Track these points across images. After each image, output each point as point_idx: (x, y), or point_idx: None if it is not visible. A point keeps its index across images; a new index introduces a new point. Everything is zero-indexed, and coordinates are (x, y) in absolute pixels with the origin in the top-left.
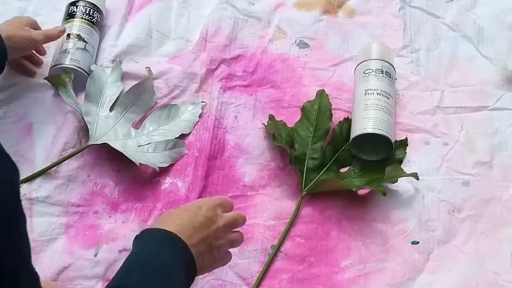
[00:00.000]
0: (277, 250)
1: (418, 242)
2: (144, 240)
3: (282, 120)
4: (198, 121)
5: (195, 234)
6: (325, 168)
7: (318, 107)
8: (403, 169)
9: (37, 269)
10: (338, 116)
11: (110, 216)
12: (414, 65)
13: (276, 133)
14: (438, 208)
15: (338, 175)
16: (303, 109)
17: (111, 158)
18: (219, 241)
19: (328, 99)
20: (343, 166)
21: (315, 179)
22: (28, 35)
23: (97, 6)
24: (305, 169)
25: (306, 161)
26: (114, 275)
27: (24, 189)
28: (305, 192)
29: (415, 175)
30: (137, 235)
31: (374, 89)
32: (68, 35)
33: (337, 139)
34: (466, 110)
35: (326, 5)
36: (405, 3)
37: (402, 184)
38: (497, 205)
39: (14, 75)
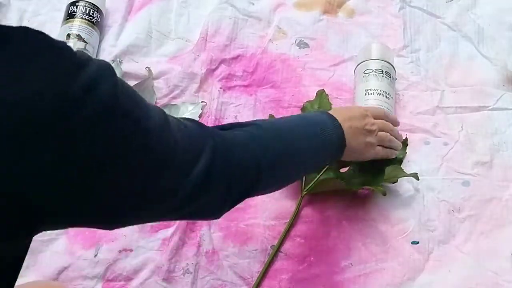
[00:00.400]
0: (277, 250)
1: (418, 242)
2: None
3: None
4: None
5: (348, 121)
6: (325, 168)
7: (318, 107)
8: (403, 169)
9: (37, 270)
10: None
11: None
12: (414, 65)
13: None
14: (438, 208)
15: (338, 175)
16: (303, 109)
17: None
18: (368, 132)
19: (328, 99)
20: (343, 166)
21: (315, 179)
22: None
23: (97, 6)
24: None
25: None
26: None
27: None
28: (305, 192)
29: (415, 175)
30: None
31: (374, 89)
32: (68, 35)
33: None
34: (466, 110)
35: (326, 5)
36: (405, 3)
37: (402, 184)
38: (497, 205)
39: None
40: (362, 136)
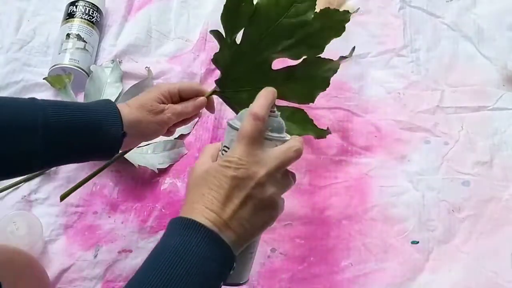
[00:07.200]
0: None
1: (418, 242)
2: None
3: None
4: (197, 121)
5: (226, 205)
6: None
7: None
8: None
9: None
10: (338, 115)
11: (109, 217)
12: (414, 65)
13: None
14: (438, 208)
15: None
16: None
17: None
18: (267, 204)
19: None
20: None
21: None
22: (157, 119)
23: (97, 6)
24: None
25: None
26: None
27: (23, 190)
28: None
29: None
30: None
31: None
32: (68, 35)
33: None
34: (466, 110)
35: (325, 5)
36: (405, 3)
37: (402, 184)
38: (497, 205)
39: (14, 74)
40: (261, 216)
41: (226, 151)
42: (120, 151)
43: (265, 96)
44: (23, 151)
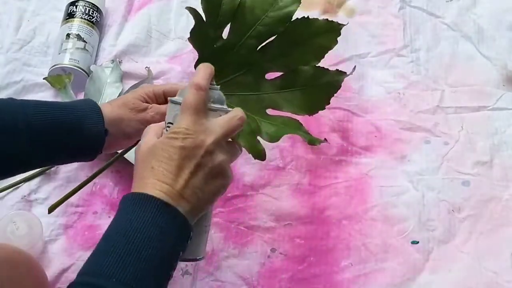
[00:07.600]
0: None
1: (418, 242)
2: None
3: None
4: None
5: (178, 176)
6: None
7: None
8: (300, 127)
9: None
10: (338, 115)
11: (109, 217)
12: (414, 65)
13: None
14: (438, 208)
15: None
16: None
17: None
18: (214, 164)
19: None
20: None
21: None
22: (140, 117)
23: (97, 6)
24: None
25: None
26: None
27: (23, 190)
28: None
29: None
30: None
31: None
32: (68, 35)
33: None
34: (466, 110)
35: (325, 5)
36: (405, 3)
37: (402, 184)
38: (497, 205)
39: (14, 74)
40: (208, 182)
41: (170, 127)
42: (103, 152)
43: (204, 69)
44: (7, 151)
